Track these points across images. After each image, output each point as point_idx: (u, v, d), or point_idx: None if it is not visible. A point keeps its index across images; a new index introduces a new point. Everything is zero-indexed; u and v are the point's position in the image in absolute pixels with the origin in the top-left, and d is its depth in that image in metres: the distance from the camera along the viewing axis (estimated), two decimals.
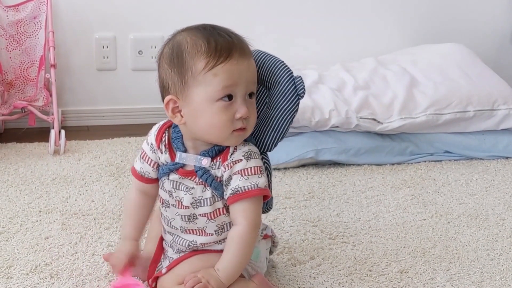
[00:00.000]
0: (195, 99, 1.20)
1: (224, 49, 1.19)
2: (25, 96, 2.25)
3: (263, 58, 1.32)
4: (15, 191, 1.82)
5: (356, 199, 1.87)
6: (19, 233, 1.58)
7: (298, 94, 1.28)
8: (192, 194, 1.26)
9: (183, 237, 1.31)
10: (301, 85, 1.28)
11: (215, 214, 1.27)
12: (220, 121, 1.20)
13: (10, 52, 2.25)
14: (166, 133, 1.31)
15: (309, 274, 1.46)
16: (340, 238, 1.63)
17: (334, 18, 2.59)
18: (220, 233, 1.29)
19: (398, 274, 1.47)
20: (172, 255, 1.33)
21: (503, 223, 1.75)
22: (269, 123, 1.30)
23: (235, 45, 1.20)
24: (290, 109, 1.29)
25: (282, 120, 1.29)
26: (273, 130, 1.30)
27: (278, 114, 1.29)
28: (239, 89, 1.20)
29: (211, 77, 1.18)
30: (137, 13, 2.43)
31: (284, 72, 1.30)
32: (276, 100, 1.30)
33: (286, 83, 1.29)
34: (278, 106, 1.29)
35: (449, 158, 2.19)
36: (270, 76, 1.31)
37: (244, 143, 1.26)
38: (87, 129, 2.46)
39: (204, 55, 1.19)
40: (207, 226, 1.28)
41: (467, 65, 2.38)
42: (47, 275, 1.40)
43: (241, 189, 1.23)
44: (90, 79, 2.47)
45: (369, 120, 2.11)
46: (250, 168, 1.23)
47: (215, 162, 1.24)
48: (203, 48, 1.19)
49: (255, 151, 1.26)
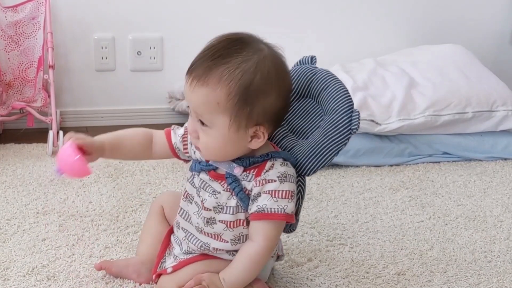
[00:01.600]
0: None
1: (189, 69, 1.20)
2: (23, 97, 2.25)
3: (328, 80, 1.30)
4: (12, 192, 1.82)
5: (354, 200, 1.87)
6: (16, 235, 1.58)
7: (351, 129, 1.25)
8: (216, 199, 1.25)
9: (197, 237, 1.29)
10: (356, 120, 1.25)
11: (235, 224, 1.26)
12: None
13: (8, 53, 2.25)
14: None
15: (306, 276, 1.46)
16: (337, 240, 1.63)
17: (333, 19, 2.59)
18: (235, 243, 1.27)
19: (395, 276, 1.47)
20: (179, 254, 1.33)
21: (501, 225, 1.75)
22: (314, 149, 1.27)
23: (197, 70, 1.18)
24: (339, 141, 1.25)
25: (328, 150, 1.26)
26: (316, 156, 1.27)
27: (325, 143, 1.26)
28: (191, 111, 1.21)
29: None
30: (136, 13, 2.43)
31: (344, 103, 1.26)
32: (328, 128, 1.26)
33: (342, 114, 1.25)
34: (328, 134, 1.26)
35: (448, 159, 2.19)
36: (329, 101, 1.28)
37: (282, 163, 1.23)
38: (85, 129, 2.45)
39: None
40: (224, 233, 1.27)
41: (466, 66, 2.38)
42: (44, 277, 1.40)
43: (267, 210, 1.21)
44: (88, 79, 2.47)
45: (367, 121, 2.11)
46: (281, 191, 1.22)
47: (247, 174, 1.23)
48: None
49: (291, 174, 1.24)
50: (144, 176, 1.97)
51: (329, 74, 1.32)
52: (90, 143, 1.27)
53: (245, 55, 1.17)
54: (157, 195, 1.83)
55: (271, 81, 1.18)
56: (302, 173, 1.29)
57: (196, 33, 2.40)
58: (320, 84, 1.31)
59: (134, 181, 1.93)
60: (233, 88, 1.15)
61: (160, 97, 2.53)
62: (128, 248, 1.54)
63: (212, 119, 1.18)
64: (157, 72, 2.52)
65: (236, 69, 1.16)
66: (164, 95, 2.52)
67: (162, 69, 2.51)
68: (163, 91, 2.51)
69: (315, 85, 1.32)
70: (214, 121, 1.18)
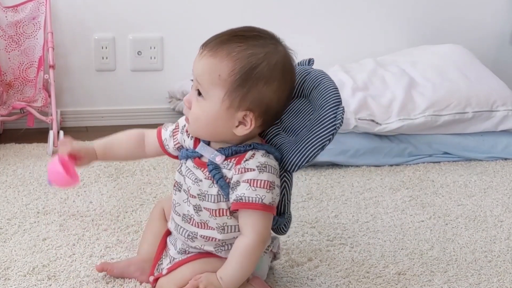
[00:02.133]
0: None
1: (204, 43, 1.23)
2: (24, 97, 2.25)
3: (319, 79, 1.31)
4: (13, 192, 1.82)
5: (354, 200, 1.87)
6: (17, 235, 1.58)
7: (335, 124, 1.25)
8: (199, 186, 1.27)
9: (184, 227, 1.30)
10: (340, 116, 1.25)
11: (218, 213, 1.26)
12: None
13: (9, 53, 2.25)
14: None
15: (306, 276, 1.46)
16: (338, 239, 1.63)
17: (333, 19, 2.59)
18: (221, 232, 1.28)
19: (395, 276, 1.47)
20: (174, 255, 1.33)
21: (501, 225, 1.75)
22: (299, 144, 1.28)
23: (210, 42, 1.23)
24: (324, 137, 1.25)
25: (313, 145, 1.26)
26: (300, 152, 1.27)
27: (310, 138, 1.27)
28: (193, 80, 1.24)
29: None
30: (136, 14, 2.43)
31: (331, 99, 1.27)
32: (314, 124, 1.28)
33: (328, 110, 1.26)
34: (312, 130, 1.27)
35: (448, 159, 2.19)
36: (318, 99, 1.29)
37: (263, 154, 1.25)
38: (86, 129, 2.46)
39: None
40: (209, 220, 1.28)
41: (466, 66, 2.38)
42: (44, 276, 1.40)
43: (245, 199, 1.22)
44: (89, 79, 2.47)
45: (367, 121, 2.11)
46: (260, 181, 1.22)
47: (228, 162, 1.25)
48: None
49: (273, 166, 1.25)
50: (144, 176, 1.97)
51: (322, 73, 1.33)
52: (77, 149, 1.33)
53: (260, 43, 1.22)
54: (158, 195, 1.83)
55: (275, 73, 1.21)
56: (287, 168, 1.29)
57: (196, 33, 2.39)
58: (312, 82, 1.32)
59: (135, 181, 1.93)
60: (238, 65, 1.19)
61: (160, 97, 2.53)
62: (129, 248, 1.54)
63: (209, 90, 1.21)
64: (157, 72, 2.52)
65: (247, 50, 1.20)
66: (164, 95, 2.52)
67: (162, 69, 2.52)
68: (163, 91, 2.51)
69: (308, 84, 1.33)
70: (211, 92, 1.21)
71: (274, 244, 1.39)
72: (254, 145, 1.26)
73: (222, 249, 1.30)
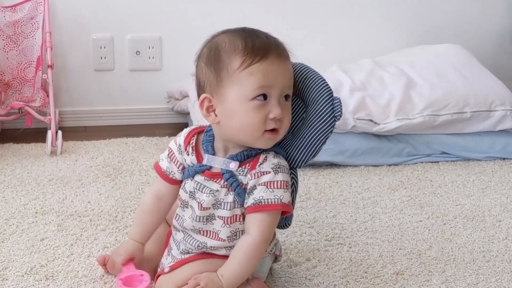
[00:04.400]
0: (229, 97, 1.21)
1: (261, 49, 1.20)
2: (22, 97, 2.25)
3: (304, 73, 1.32)
4: (11, 192, 1.82)
5: (353, 200, 1.87)
6: (15, 235, 1.58)
7: (335, 116, 1.28)
8: (215, 196, 1.26)
9: (194, 237, 1.30)
10: (338, 107, 1.28)
11: (232, 220, 1.26)
12: (253, 120, 1.20)
13: (7, 53, 2.25)
14: (195, 137, 1.31)
15: (304, 276, 1.46)
16: (336, 239, 1.63)
17: (331, 19, 2.59)
18: (232, 240, 1.28)
19: (393, 276, 1.47)
20: (177, 254, 1.33)
21: (499, 225, 1.75)
22: (302, 141, 1.29)
23: (272, 46, 1.22)
24: (325, 130, 1.28)
25: (316, 140, 1.29)
26: (305, 148, 1.29)
27: (312, 133, 1.29)
28: (273, 90, 1.20)
29: (246, 76, 1.19)
30: (134, 13, 2.43)
31: (323, 92, 1.29)
32: (312, 119, 1.29)
33: (324, 103, 1.28)
34: (313, 125, 1.29)
35: (446, 159, 2.19)
36: (309, 93, 1.30)
37: (274, 156, 1.26)
38: (84, 129, 2.46)
39: (240, 54, 1.19)
40: (221, 230, 1.27)
41: (464, 66, 2.38)
42: (42, 276, 1.40)
43: (264, 201, 1.22)
44: (87, 79, 2.47)
45: (366, 121, 2.11)
46: (277, 182, 1.23)
47: (243, 169, 1.25)
48: (240, 47, 1.20)
49: (285, 165, 1.26)
50: (142, 176, 1.97)
51: (305, 67, 1.34)
52: (126, 257, 1.35)
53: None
54: None
55: None
56: (294, 165, 1.31)
57: (194, 33, 2.39)
58: (297, 76, 1.32)
59: (133, 181, 1.93)
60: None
61: (158, 97, 2.53)
62: None
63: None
64: (155, 72, 2.52)
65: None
66: (163, 94, 2.52)
67: (161, 69, 2.52)
68: (161, 91, 2.51)
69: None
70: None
71: (276, 247, 1.39)
72: (263, 148, 1.26)
73: (234, 239, 1.29)
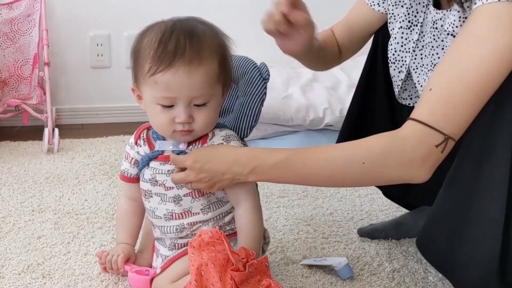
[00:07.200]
0: (144, 95, 1.27)
1: (168, 56, 1.19)
2: (19, 95, 2.25)
3: (236, 61, 1.37)
4: (8, 190, 1.81)
5: (350, 198, 1.87)
6: (12, 233, 1.58)
7: (264, 78, 1.34)
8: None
9: (169, 224, 1.31)
10: (265, 70, 1.34)
11: (198, 194, 1.28)
12: (160, 121, 1.25)
13: (4, 50, 2.25)
14: (145, 131, 1.35)
15: (301, 274, 1.46)
16: (333, 237, 1.63)
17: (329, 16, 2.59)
18: (206, 212, 1.30)
19: (390, 273, 1.47)
20: (165, 252, 1.33)
21: None
22: (242, 110, 1.34)
23: (183, 53, 1.20)
24: (259, 93, 1.34)
25: (253, 105, 1.34)
26: (246, 115, 1.34)
27: (249, 100, 1.34)
28: (178, 100, 1.22)
29: (152, 83, 1.22)
30: (132, 11, 2.43)
31: (248, 63, 1.36)
32: (245, 88, 1.35)
33: (251, 71, 1.35)
34: (247, 93, 1.35)
35: None
36: (237, 70, 1.36)
37: (220, 129, 1.30)
38: (81, 127, 2.46)
39: (149, 60, 1.21)
40: (192, 206, 1.29)
41: None
42: (39, 274, 1.40)
43: None
44: (84, 77, 2.47)
45: None
46: None
47: (194, 146, 1.28)
48: (151, 52, 1.22)
49: (234, 135, 1.31)
50: None
51: (237, 57, 1.38)
52: (124, 256, 1.36)
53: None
54: None
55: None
56: (241, 136, 1.35)
57: None
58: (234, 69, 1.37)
59: None
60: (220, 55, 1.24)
61: None
62: None
63: (212, 95, 1.24)
64: None
65: (213, 40, 1.24)
66: None
67: None
68: None
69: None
70: (214, 92, 1.24)
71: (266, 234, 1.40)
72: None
73: (208, 211, 1.30)
